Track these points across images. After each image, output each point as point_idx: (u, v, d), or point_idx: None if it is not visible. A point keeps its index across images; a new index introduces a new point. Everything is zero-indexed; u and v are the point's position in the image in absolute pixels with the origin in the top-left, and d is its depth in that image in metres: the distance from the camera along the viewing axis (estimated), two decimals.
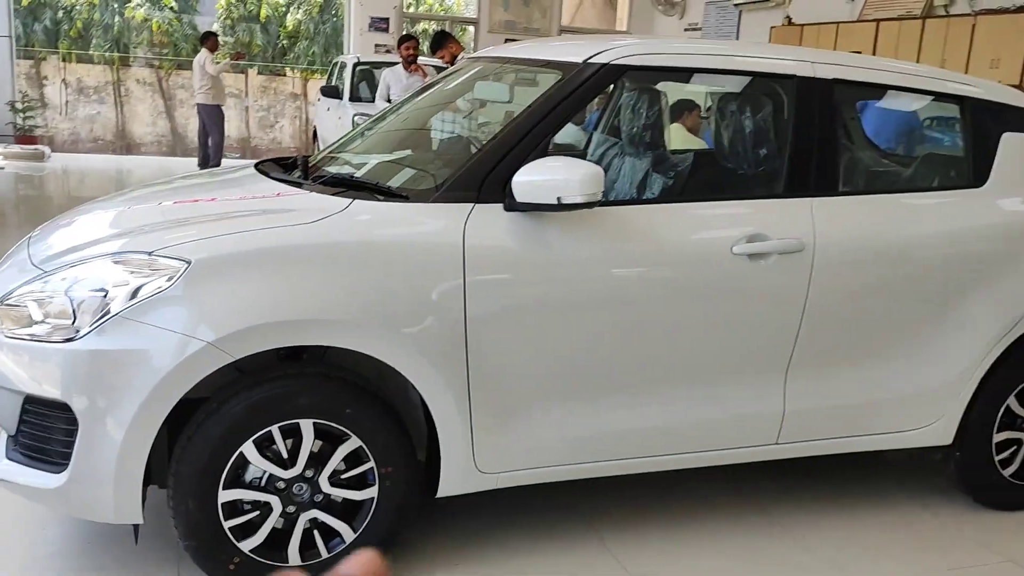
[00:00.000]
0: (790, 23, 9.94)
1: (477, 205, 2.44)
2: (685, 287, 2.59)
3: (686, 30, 12.37)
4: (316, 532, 2.39)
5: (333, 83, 10.47)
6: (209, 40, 10.71)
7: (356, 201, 2.46)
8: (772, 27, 10.09)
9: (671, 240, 2.60)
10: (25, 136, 12.10)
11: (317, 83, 15.94)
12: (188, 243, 2.25)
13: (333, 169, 2.90)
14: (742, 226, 2.65)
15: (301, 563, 2.38)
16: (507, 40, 10.69)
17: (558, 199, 2.34)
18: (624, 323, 2.55)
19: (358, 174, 2.79)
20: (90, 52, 15.89)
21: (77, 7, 16.69)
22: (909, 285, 2.83)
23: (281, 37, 16.81)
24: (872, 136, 3.67)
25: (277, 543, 2.37)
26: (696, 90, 4.97)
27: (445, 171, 2.67)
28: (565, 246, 2.49)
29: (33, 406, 2.27)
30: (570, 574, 2.62)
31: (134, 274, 2.22)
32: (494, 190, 2.45)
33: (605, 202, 2.43)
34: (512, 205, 2.43)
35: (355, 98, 9.75)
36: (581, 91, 2.58)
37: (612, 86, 3.44)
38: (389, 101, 8.60)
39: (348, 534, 2.41)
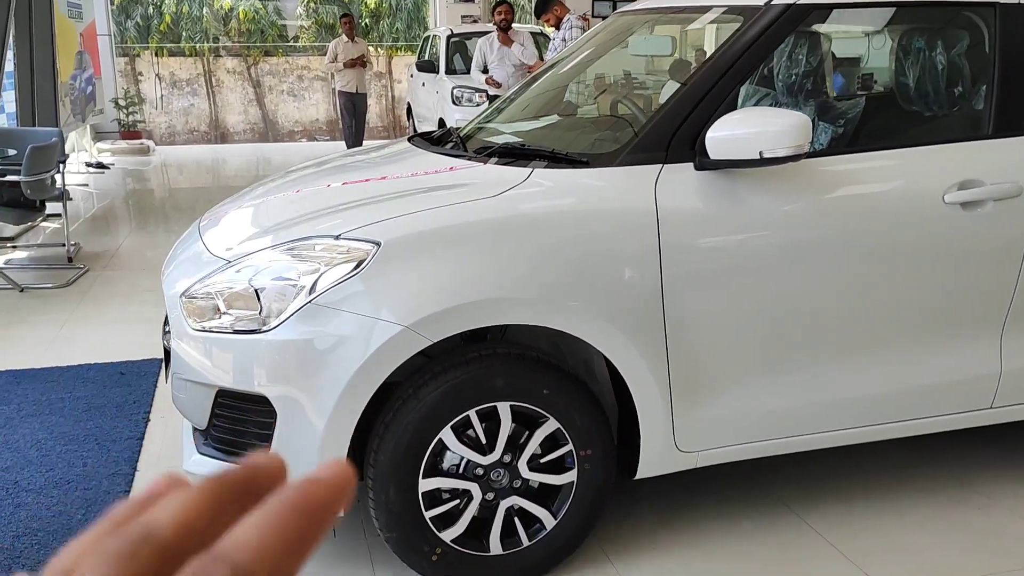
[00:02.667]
0: None
1: (666, 166, 2.28)
2: (894, 241, 2.38)
3: None
4: (516, 519, 2.29)
5: (426, 57, 10.37)
6: (343, 21, 9.83)
7: (536, 170, 2.32)
8: None
9: (877, 190, 2.38)
10: (129, 132, 12.42)
11: (402, 60, 15.93)
12: (374, 224, 2.16)
13: (498, 140, 2.77)
14: (952, 172, 2.42)
15: (502, 551, 2.28)
16: None
17: (760, 153, 2.16)
18: (828, 284, 2.35)
19: (529, 142, 2.65)
20: (181, 45, 16.18)
21: (166, 1, 17.01)
22: None
23: (363, 16, 16.82)
24: None
25: (476, 531, 2.28)
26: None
27: (622, 133, 2.51)
28: (761, 204, 2.30)
29: (227, 399, 2.22)
30: (775, 554, 2.46)
31: (322, 260, 2.14)
32: (682, 149, 2.28)
33: (811, 154, 2.23)
34: (704, 163, 2.26)
35: (451, 71, 9.64)
36: (768, 35, 2.38)
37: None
38: (485, 71, 8.46)
39: (548, 520, 2.30)
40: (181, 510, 0.30)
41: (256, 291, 2.17)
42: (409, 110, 11.73)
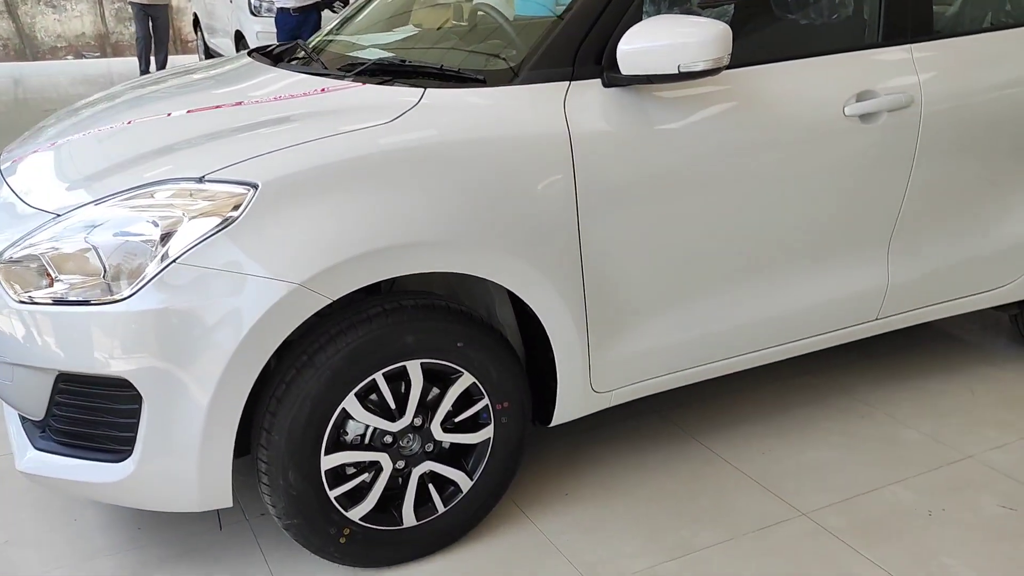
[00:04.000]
0: None
1: (573, 83, 2.04)
2: (800, 157, 2.29)
3: None
4: (430, 485, 2.05)
5: None
6: None
7: (428, 91, 2.01)
8: None
9: (783, 104, 2.26)
10: None
11: None
12: (247, 161, 1.78)
13: (364, 55, 2.40)
14: (850, 84, 2.34)
15: (416, 521, 2.05)
16: None
17: (678, 67, 1.96)
18: (739, 205, 2.23)
19: (408, 58, 2.31)
20: None
21: None
22: (1006, 133, 2.61)
23: None
24: None
25: (385, 505, 2.03)
26: None
27: (513, 45, 2.24)
28: (669, 123, 2.12)
29: (70, 384, 1.81)
30: (688, 485, 2.39)
31: (183, 208, 1.75)
32: (588, 63, 2.05)
33: (731, 66, 2.06)
34: (614, 79, 2.04)
35: None
36: None
37: None
38: None
39: (465, 482, 2.08)
40: None
41: (96, 250, 1.75)
42: (196, 21, 10.65)
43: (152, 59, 9.71)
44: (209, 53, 9.82)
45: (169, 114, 2.14)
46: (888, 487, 2.39)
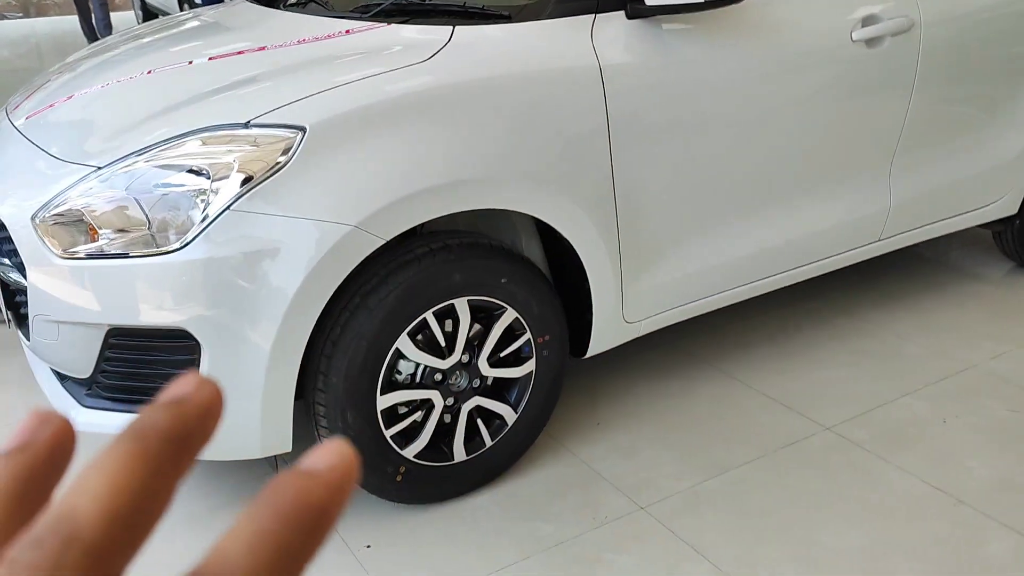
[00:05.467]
0: None
1: (598, 15, 2.05)
2: (813, 84, 2.34)
3: None
4: (479, 420, 2.09)
5: None
6: None
7: (457, 28, 2.01)
8: None
9: (795, 32, 2.30)
10: None
11: None
12: (290, 105, 1.76)
13: None
14: (854, 9, 2.40)
15: (466, 456, 2.09)
16: None
17: None
18: (758, 132, 2.28)
19: None
20: None
21: None
22: (998, 54, 2.70)
23: None
24: None
25: (435, 442, 2.06)
26: None
27: None
28: (689, 53, 2.15)
29: (122, 338, 1.79)
30: (711, 408, 2.47)
31: (231, 154, 1.73)
32: None
33: None
34: (638, 11, 2.06)
35: None
36: None
37: None
38: None
39: (510, 415, 2.13)
40: (108, 491, 0.21)
41: (139, 203, 1.73)
42: None
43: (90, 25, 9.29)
44: (148, 12, 9.48)
45: (190, 62, 2.10)
46: (901, 399, 2.50)
